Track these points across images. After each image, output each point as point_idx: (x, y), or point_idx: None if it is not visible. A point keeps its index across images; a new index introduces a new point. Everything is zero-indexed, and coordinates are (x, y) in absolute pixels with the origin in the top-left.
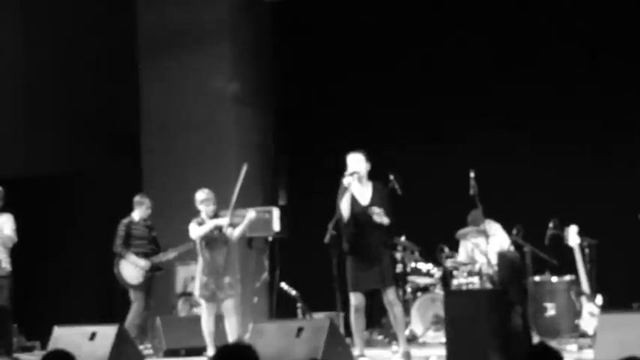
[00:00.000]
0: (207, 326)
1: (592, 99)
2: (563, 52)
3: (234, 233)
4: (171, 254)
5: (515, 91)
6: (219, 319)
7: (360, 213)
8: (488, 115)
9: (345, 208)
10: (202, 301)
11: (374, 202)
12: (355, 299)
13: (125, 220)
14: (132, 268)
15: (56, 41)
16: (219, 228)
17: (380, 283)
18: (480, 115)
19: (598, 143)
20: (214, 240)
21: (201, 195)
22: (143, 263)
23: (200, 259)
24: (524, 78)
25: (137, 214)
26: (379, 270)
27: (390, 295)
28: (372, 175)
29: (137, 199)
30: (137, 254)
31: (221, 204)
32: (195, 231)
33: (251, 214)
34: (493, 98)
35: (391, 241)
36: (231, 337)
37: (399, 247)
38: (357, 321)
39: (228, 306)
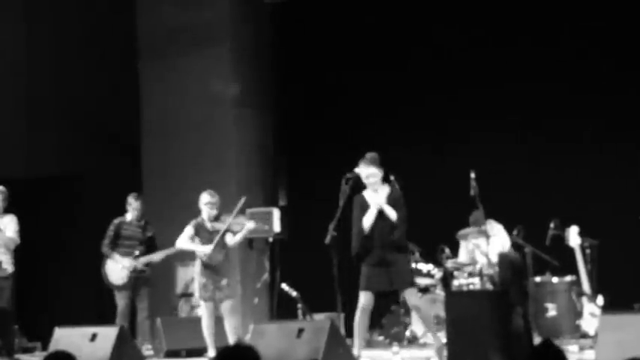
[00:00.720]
0: (207, 327)
1: (593, 99)
2: (565, 52)
3: (232, 241)
4: (157, 256)
5: (516, 91)
6: (219, 320)
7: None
8: (490, 116)
9: (368, 221)
10: (202, 302)
11: (388, 203)
12: (364, 299)
13: (116, 220)
14: (117, 269)
15: (57, 42)
16: (216, 230)
17: (395, 285)
18: (481, 115)
19: (599, 143)
20: (212, 241)
21: (207, 197)
22: (128, 263)
23: (198, 261)
24: (525, 78)
25: (130, 215)
26: (395, 272)
27: (410, 298)
28: None
29: (128, 200)
30: (128, 254)
31: (219, 205)
32: (182, 242)
33: (250, 224)
34: (494, 99)
35: (404, 243)
36: (231, 338)
37: None
38: (361, 320)
39: (227, 307)
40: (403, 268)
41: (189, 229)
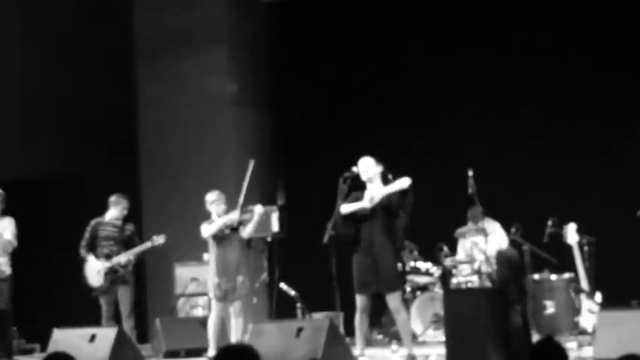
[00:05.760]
0: (213, 325)
1: (591, 97)
2: (562, 51)
3: (246, 230)
4: (130, 254)
5: (513, 89)
6: (221, 321)
7: (363, 214)
8: (488, 114)
9: (348, 207)
10: (214, 302)
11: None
12: (359, 301)
13: (92, 222)
14: (94, 272)
15: (54, 43)
16: (229, 226)
17: (381, 288)
18: (479, 114)
19: (597, 141)
20: (226, 238)
21: (212, 196)
22: (101, 266)
23: (212, 262)
24: (522, 77)
25: (109, 214)
26: (381, 274)
27: (391, 302)
28: None
29: (113, 199)
30: (106, 256)
31: (225, 200)
32: (206, 230)
33: (259, 209)
34: (492, 97)
35: (398, 244)
36: (235, 338)
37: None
38: (359, 322)
39: (237, 307)
40: (389, 271)
41: (205, 224)
